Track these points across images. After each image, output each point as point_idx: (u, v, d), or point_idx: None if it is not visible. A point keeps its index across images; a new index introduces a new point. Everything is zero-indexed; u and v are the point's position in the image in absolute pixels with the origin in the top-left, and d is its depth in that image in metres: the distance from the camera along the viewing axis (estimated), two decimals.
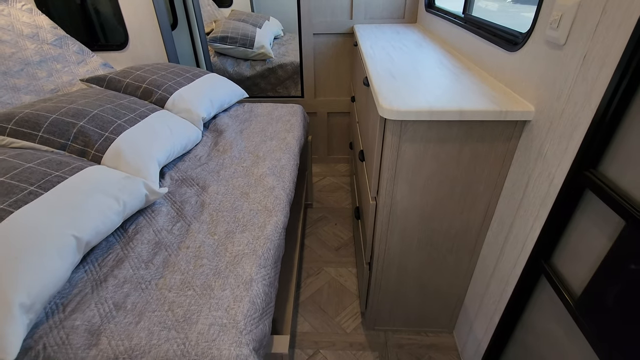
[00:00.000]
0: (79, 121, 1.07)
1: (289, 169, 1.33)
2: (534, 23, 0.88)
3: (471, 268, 1.25)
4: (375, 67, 1.23)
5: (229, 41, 2.83)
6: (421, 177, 1.05)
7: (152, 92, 1.46)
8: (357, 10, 2.14)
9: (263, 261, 0.91)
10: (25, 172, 0.85)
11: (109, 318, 0.75)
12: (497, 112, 0.90)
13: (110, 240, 0.96)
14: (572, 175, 0.73)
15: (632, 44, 0.58)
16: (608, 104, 0.63)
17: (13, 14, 1.57)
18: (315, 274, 1.78)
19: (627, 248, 0.60)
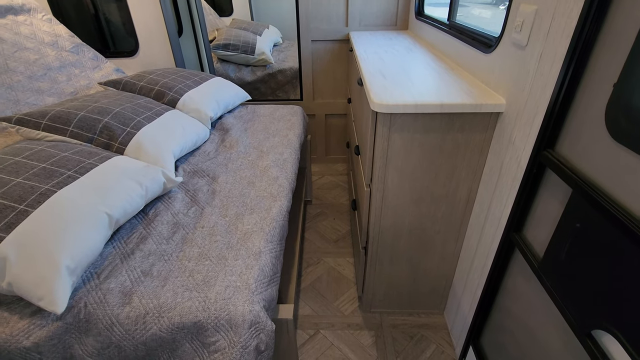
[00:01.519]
0: (104, 117, 1.20)
1: (291, 161, 1.46)
2: (504, 28, 1.02)
3: (457, 250, 1.37)
4: (368, 68, 1.37)
5: (231, 48, 2.98)
6: (409, 164, 1.18)
7: (164, 93, 1.59)
8: (352, 18, 2.29)
9: (270, 237, 1.03)
10: (62, 159, 0.97)
11: (139, 282, 0.87)
12: (473, 105, 1.04)
13: (133, 222, 1.08)
14: (534, 156, 0.86)
15: (572, 43, 0.72)
16: (558, 94, 0.77)
17: (35, 23, 1.71)
18: (315, 263, 1.90)
19: (574, 211, 0.73)
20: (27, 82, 1.48)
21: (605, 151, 0.66)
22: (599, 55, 0.68)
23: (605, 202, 0.63)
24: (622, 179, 0.62)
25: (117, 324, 0.80)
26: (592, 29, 0.68)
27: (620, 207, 0.61)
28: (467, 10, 2.66)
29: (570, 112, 0.77)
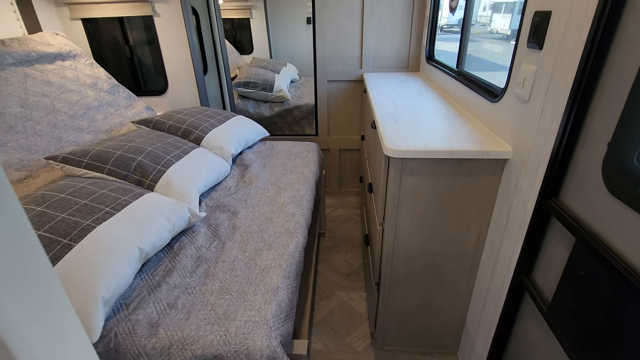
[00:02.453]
0: (138, 156, 1.31)
1: (307, 198, 1.53)
2: (507, 82, 1.11)
3: (470, 289, 1.39)
4: (381, 113, 1.47)
5: (251, 86, 3.16)
6: (420, 206, 1.23)
7: (191, 132, 1.71)
8: (366, 61, 2.43)
9: (287, 273, 1.09)
10: (101, 196, 1.07)
11: (165, 314, 0.93)
12: (481, 152, 1.10)
13: (159, 255, 1.16)
14: (539, 203, 0.91)
15: (569, 104, 0.79)
16: (558, 148, 0.83)
17: (79, 67, 1.89)
18: (328, 297, 1.92)
19: (577, 259, 0.77)
20: (70, 121, 1.63)
21: (604, 204, 0.71)
22: (594, 115, 0.75)
23: (606, 253, 0.67)
24: (621, 231, 0.66)
25: (143, 355, 0.85)
26: (586, 92, 0.75)
27: (620, 258, 0.65)
28: (479, 45, 2.79)
29: (571, 165, 0.82)
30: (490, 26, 2.77)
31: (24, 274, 0.24)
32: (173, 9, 2.05)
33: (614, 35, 0.69)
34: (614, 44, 0.69)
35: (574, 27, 0.78)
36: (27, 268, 0.24)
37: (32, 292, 0.25)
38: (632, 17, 0.65)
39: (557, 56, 0.85)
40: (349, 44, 2.40)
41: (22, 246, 0.24)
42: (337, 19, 2.33)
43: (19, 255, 0.24)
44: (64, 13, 2.09)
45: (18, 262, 0.24)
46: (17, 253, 0.24)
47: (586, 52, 0.73)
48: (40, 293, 0.25)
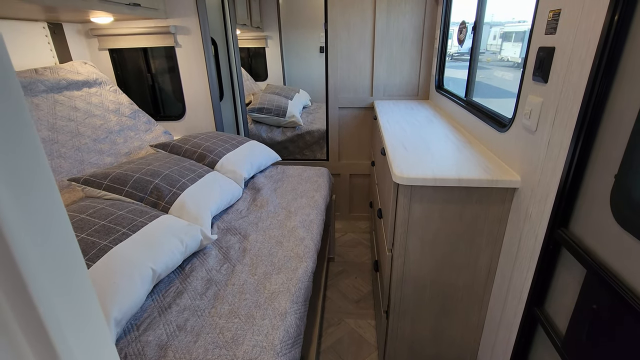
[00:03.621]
0: (155, 179, 1.36)
1: (317, 223, 1.55)
2: (515, 113, 1.13)
3: (481, 319, 1.36)
4: (390, 140, 1.50)
5: (265, 111, 3.26)
6: (430, 233, 1.23)
7: (205, 156, 1.77)
8: (377, 89, 2.50)
9: (295, 298, 1.09)
10: (119, 217, 1.11)
11: (174, 336, 0.94)
12: (489, 180, 1.11)
13: (171, 276, 1.18)
14: (549, 233, 0.91)
15: (574, 137, 0.80)
16: (566, 179, 0.84)
17: (103, 94, 2.00)
18: (336, 324, 1.89)
19: (589, 292, 0.76)
20: (92, 144, 1.71)
21: (614, 236, 0.71)
22: (600, 147, 0.76)
23: (617, 287, 0.67)
24: (632, 264, 0.66)
25: None
26: (592, 124, 0.77)
27: (633, 292, 0.64)
28: (490, 72, 2.84)
29: (580, 196, 0.83)
30: (500, 54, 2.83)
31: (70, 281, 0.28)
32: (194, 40, 2.17)
33: (616, 70, 0.72)
34: (616, 78, 0.72)
35: (577, 63, 0.81)
36: (72, 276, 0.28)
37: (74, 296, 0.28)
38: (633, 53, 0.68)
39: (561, 89, 0.87)
40: (360, 73, 2.48)
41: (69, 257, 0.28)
42: (349, 49, 2.43)
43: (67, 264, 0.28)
44: (93, 44, 2.23)
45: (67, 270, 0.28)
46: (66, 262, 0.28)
47: (589, 86, 0.76)
48: (80, 296, 0.29)
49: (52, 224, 0.28)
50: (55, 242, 0.28)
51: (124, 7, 1.72)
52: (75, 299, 0.29)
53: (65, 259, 0.29)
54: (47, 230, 0.27)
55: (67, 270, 0.29)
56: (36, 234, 0.26)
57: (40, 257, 0.26)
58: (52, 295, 0.26)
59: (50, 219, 0.28)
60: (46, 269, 0.27)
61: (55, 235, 0.28)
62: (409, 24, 2.33)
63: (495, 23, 2.78)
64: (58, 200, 0.28)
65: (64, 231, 0.28)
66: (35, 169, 0.26)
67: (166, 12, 2.10)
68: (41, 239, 0.27)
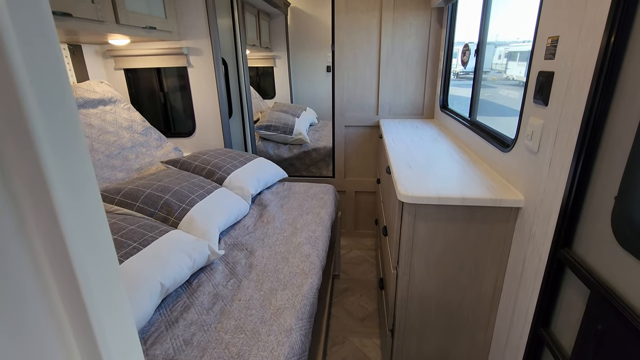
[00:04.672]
0: (165, 195, 1.40)
1: (322, 239, 1.56)
2: (517, 134, 1.16)
3: (488, 340, 1.34)
4: (395, 159, 1.53)
5: (272, 129, 3.33)
6: (434, 251, 1.24)
7: (214, 172, 1.81)
8: (383, 108, 2.55)
9: (300, 314, 1.10)
10: (130, 232, 1.14)
11: (180, 351, 0.95)
12: (493, 200, 1.13)
13: (178, 291, 1.19)
14: (553, 253, 0.92)
15: (575, 156, 0.82)
16: (567, 199, 0.85)
17: (117, 112, 2.07)
18: (341, 342, 1.87)
19: (593, 312, 0.76)
20: (105, 160, 1.76)
21: (616, 256, 0.72)
22: (600, 169, 0.78)
23: (620, 307, 0.67)
24: (635, 286, 0.67)
25: None
26: (591, 146, 0.79)
27: (635, 313, 0.65)
28: (495, 91, 2.88)
29: (582, 216, 0.84)
30: (506, 73, 2.89)
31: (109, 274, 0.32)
32: (205, 60, 2.25)
33: (612, 95, 0.74)
34: (613, 103, 0.74)
35: (575, 87, 0.84)
36: (110, 278, 0.32)
37: (110, 288, 0.32)
38: (628, 79, 0.70)
39: (561, 112, 0.90)
40: (366, 92, 2.54)
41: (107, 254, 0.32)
42: (355, 69, 2.49)
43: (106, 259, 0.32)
44: (109, 64, 2.33)
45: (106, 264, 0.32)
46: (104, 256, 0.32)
47: (587, 109, 0.78)
48: (112, 289, 0.33)
49: (98, 226, 0.31)
50: (99, 242, 0.31)
51: (141, 30, 1.80)
52: (113, 301, 0.32)
53: (106, 260, 0.32)
54: (94, 233, 0.31)
55: (107, 270, 0.32)
56: (86, 236, 0.30)
57: (90, 257, 0.30)
58: (97, 301, 0.30)
59: (96, 221, 0.31)
60: (94, 269, 0.30)
61: (100, 236, 0.31)
62: (413, 46, 2.40)
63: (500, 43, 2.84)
64: (100, 203, 0.32)
65: (106, 234, 0.32)
66: (86, 175, 0.30)
67: (180, 34, 2.19)
68: (91, 242, 0.30)
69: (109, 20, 1.56)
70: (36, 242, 0.27)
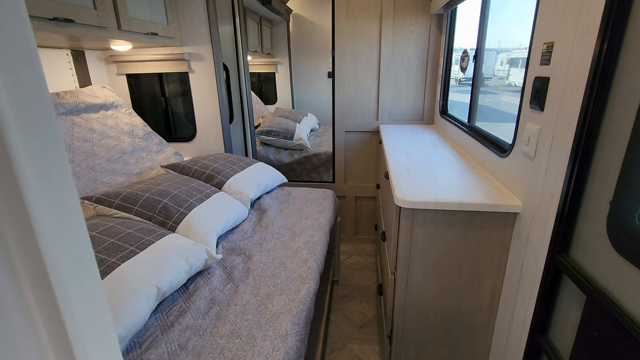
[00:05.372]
0: (164, 199, 1.41)
1: (321, 244, 1.56)
2: (514, 139, 1.16)
3: (487, 347, 1.33)
4: (394, 164, 1.53)
5: (273, 134, 3.34)
6: (432, 256, 1.24)
7: (213, 177, 1.82)
8: (383, 114, 2.56)
9: (297, 320, 1.09)
10: (127, 236, 1.15)
11: (175, 355, 0.94)
12: (491, 205, 1.12)
13: (175, 295, 1.19)
14: (550, 259, 0.91)
15: (570, 161, 0.82)
16: (564, 205, 0.85)
17: (119, 116, 2.09)
18: (340, 349, 1.86)
19: (590, 318, 0.75)
20: (106, 164, 1.77)
21: (612, 262, 0.71)
22: (595, 174, 0.78)
23: (616, 314, 0.67)
24: (630, 291, 0.66)
25: None
26: (586, 152, 0.79)
27: (631, 320, 0.64)
28: (497, 97, 2.89)
29: (578, 222, 0.84)
30: (507, 79, 2.90)
31: (89, 292, 0.32)
32: (207, 66, 2.27)
33: (606, 101, 0.74)
34: (607, 108, 0.74)
35: (570, 93, 0.84)
36: (90, 288, 0.32)
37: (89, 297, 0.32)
38: (622, 83, 0.71)
39: (557, 117, 0.90)
40: (366, 98, 2.55)
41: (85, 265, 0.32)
42: (355, 75, 2.51)
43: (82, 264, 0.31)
44: (111, 69, 2.36)
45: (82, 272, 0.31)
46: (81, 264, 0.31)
47: (582, 115, 0.78)
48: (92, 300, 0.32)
49: (77, 237, 0.31)
50: (78, 253, 0.31)
51: (143, 36, 1.83)
52: (92, 311, 0.32)
53: (85, 270, 0.32)
54: (73, 244, 0.31)
55: (87, 281, 0.32)
56: (66, 246, 0.30)
57: (68, 266, 0.30)
58: (74, 306, 0.30)
59: (76, 231, 0.31)
60: (73, 279, 0.30)
61: (79, 249, 0.31)
62: (413, 52, 2.41)
63: (502, 49, 2.85)
64: (81, 217, 0.32)
65: (86, 246, 0.32)
66: (65, 188, 0.30)
67: (181, 40, 2.22)
68: (70, 251, 0.30)
69: (111, 26, 1.58)
70: (16, 262, 0.26)
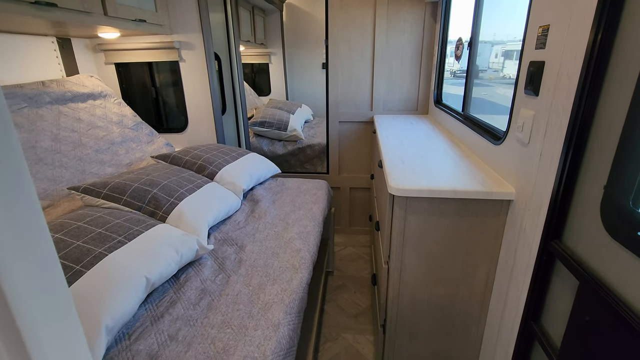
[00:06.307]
0: (153, 189, 1.38)
1: (314, 234, 1.55)
2: (508, 126, 1.14)
3: (480, 335, 1.33)
4: (388, 153, 1.51)
5: (267, 125, 3.30)
6: (426, 245, 1.23)
7: (205, 167, 1.79)
8: (377, 104, 2.53)
9: (289, 309, 1.08)
10: (115, 226, 1.12)
11: (165, 346, 0.93)
12: (484, 192, 1.11)
13: (165, 286, 1.17)
14: (543, 245, 0.91)
15: (565, 147, 0.81)
16: (557, 190, 0.84)
17: (107, 106, 2.04)
18: (334, 339, 1.86)
19: (582, 303, 0.75)
20: (94, 155, 1.73)
21: (605, 247, 0.70)
22: (590, 159, 0.77)
23: (609, 298, 0.66)
24: (623, 275, 0.65)
25: None
26: (580, 136, 0.78)
27: (625, 304, 0.63)
28: (492, 89, 2.86)
29: (572, 207, 0.83)
30: (502, 72, 2.89)
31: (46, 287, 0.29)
32: (197, 55, 2.22)
33: (602, 84, 0.73)
34: (602, 92, 0.73)
35: (565, 77, 0.83)
36: (54, 296, 0.29)
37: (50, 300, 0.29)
38: (617, 67, 0.69)
39: (552, 102, 0.88)
40: (360, 88, 2.53)
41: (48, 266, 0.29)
42: (349, 65, 2.47)
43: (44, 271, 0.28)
44: (100, 58, 2.30)
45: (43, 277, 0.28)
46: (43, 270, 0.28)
47: (577, 99, 0.77)
48: (55, 303, 0.30)
49: (35, 240, 0.28)
50: (39, 258, 0.29)
51: (130, 23, 1.78)
52: (58, 319, 0.30)
53: (47, 275, 0.30)
54: (30, 247, 0.28)
55: (49, 288, 0.29)
56: (19, 251, 0.27)
57: (23, 274, 0.27)
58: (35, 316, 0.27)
59: (33, 235, 0.28)
60: (28, 284, 0.27)
61: (38, 251, 0.29)
62: (408, 41, 2.38)
63: (497, 42, 2.82)
64: (41, 217, 0.29)
65: (47, 248, 0.29)
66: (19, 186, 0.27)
67: (171, 28, 2.16)
68: (24, 256, 0.27)
69: (96, 12, 1.53)
70: None
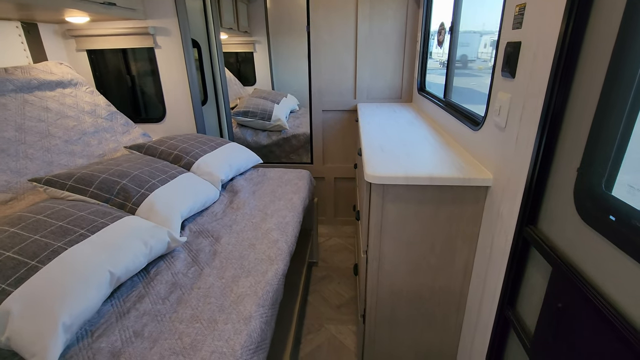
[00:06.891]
0: (122, 180, 1.32)
1: (293, 225, 1.51)
2: (487, 110, 1.11)
3: (459, 323, 1.32)
4: (368, 141, 1.47)
5: (250, 115, 3.23)
6: (404, 233, 1.20)
7: (181, 157, 1.73)
8: (360, 92, 2.49)
9: (262, 301, 1.05)
10: (78, 219, 1.06)
11: (129, 343, 0.89)
12: (462, 179, 1.09)
13: (134, 280, 1.13)
14: (518, 231, 0.88)
15: (539, 130, 0.78)
16: (532, 175, 0.82)
17: (79, 95, 1.95)
18: (316, 330, 1.84)
19: (555, 289, 0.73)
20: (63, 145, 1.66)
21: (577, 232, 0.68)
22: (564, 142, 0.74)
23: (580, 284, 0.64)
24: (595, 260, 0.63)
25: None
26: (555, 119, 0.75)
27: (595, 289, 0.61)
28: (481, 80, 2.84)
29: (546, 192, 0.80)
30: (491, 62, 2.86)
31: None
32: (174, 41, 2.14)
33: (576, 64, 0.70)
34: (577, 71, 0.70)
35: (542, 57, 0.79)
36: None
37: None
38: (591, 46, 0.66)
39: (528, 85, 0.86)
40: (344, 76, 2.47)
41: None
42: (332, 52, 2.42)
43: None
44: (70, 45, 2.19)
45: None
46: None
47: (551, 80, 0.74)
48: None
49: None
50: None
51: (99, 6, 1.69)
52: None
53: None
54: None
55: None
56: None
57: None
58: None
59: None
60: None
61: None
62: (391, 27, 2.33)
63: (486, 32, 2.78)
64: None
65: None
66: None
67: (145, 12, 2.07)
68: None
69: None
70: None
